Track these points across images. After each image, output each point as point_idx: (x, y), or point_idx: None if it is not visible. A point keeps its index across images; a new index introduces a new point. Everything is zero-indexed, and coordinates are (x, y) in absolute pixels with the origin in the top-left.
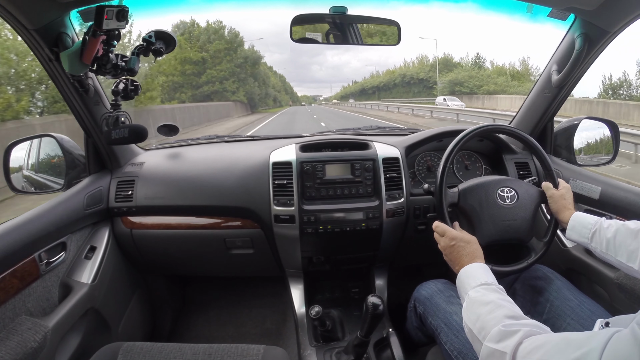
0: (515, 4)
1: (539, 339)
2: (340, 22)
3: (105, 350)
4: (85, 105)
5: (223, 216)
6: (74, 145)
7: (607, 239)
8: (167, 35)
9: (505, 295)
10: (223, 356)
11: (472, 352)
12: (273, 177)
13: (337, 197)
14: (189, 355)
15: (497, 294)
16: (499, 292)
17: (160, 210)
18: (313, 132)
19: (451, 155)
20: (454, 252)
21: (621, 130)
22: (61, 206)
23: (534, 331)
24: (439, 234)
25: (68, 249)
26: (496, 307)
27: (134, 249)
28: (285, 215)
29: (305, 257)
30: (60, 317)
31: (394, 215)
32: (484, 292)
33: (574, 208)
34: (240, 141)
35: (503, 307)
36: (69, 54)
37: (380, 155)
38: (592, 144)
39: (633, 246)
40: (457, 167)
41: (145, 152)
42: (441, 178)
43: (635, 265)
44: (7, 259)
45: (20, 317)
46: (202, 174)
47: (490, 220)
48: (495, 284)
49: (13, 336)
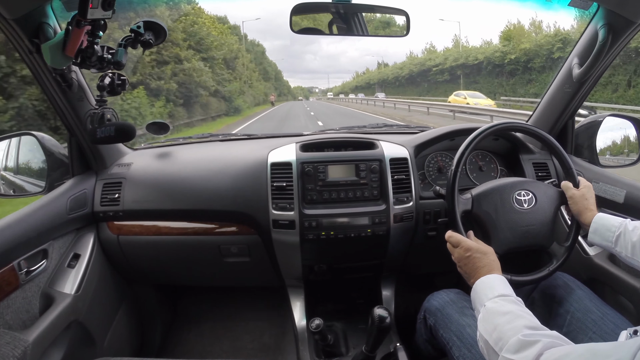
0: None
1: (561, 350)
2: (345, 11)
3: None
4: (68, 101)
5: (217, 221)
6: (56, 144)
7: (633, 242)
8: (156, 25)
9: (524, 307)
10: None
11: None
12: (271, 179)
13: (340, 200)
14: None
15: (516, 305)
16: (517, 304)
17: (149, 214)
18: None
19: (464, 156)
20: (469, 264)
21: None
22: (42, 210)
23: (556, 342)
24: (453, 244)
25: (50, 257)
26: (515, 317)
27: (121, 256)
28: (284, 220)
29: (306, 265)
30: (41, 330)
31: (402, 220)
32: (502, 303)
33: (596, 209)
34: (235, 140)
35: (522, 318)
36: (51, 46)
37: (388, 156)
38: (617, 144)
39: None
40: (470, 168)
41: (133, 152)
42: (453, 182)
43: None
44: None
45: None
46: (195, 176)
47: (507, 226)
48: (514, 295)
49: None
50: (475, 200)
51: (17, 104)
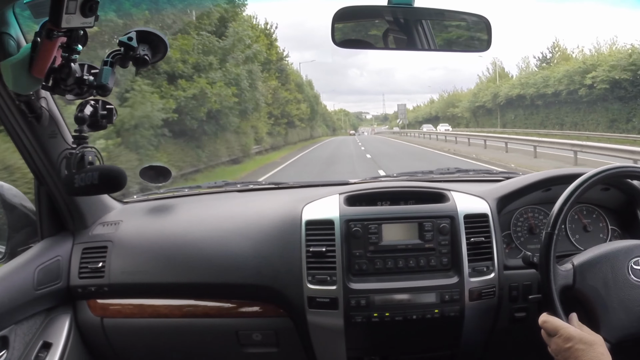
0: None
1: None
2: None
3: None
4: (35, 139)
5: (234, 299)
6: (21, 196)
7: None
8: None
9: None
10: None
11: None
12: (307, 243)
13: (398, 271)
14: None
15: None
16: None
17: (143, 290)
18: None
19: (563, 212)
20: (570, 357)
21: None
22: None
23: None
24: (549, 332)
25: (11, 347)
26: None
27: (106, 346)
28: (324, 298)
29: (352, 357)
30: None
31: (481, 297)
32: None
33: None
34: (259, 190)
35: None
36: (13, 64)
37: (462, 211)
38: None
39: None
40: (572, 227)
41: (122, 205)
42: (548, 247)
43: None
44: None
45: None
46: (205, 238)
47: (622, 306)
48: None
49: None
50: (578, 272)
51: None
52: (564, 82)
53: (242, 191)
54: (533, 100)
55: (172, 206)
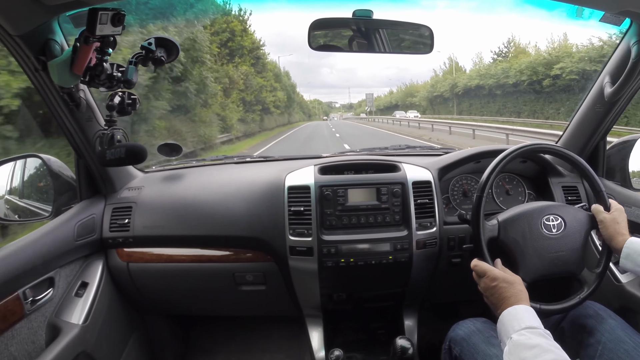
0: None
1: None
2: (366, 27)
3: None
4: (76, 122)
5: (232, 248)
6: (63, 167)
7: None
8: (169, 42)
9: (552, 340)
10: None
11: None
12: (289, 204)
13: (360, 226)
14: None
15: (544, 338)
16: (545, 337)
17: (160, 241)
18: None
19: (490, 179)
20: (495, 293)
21: None
22: (48, 237)
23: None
24: (479, 273)
25: (56, 285)
26: (543, 352)
27: (131, 285)
28: (302, 247)
29: (324, 294)
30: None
31: (425, 247)
32: (529, 336)
33: (628, 233)
34: (251, 162)
35: (550, 352)
36: (58, 64)
37: (410, 179)
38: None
39: None
40: (497, 192)
41: (144, 174)
42: (478, 207)
43: None
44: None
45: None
46: (209, 200)
47: (536, 253)
48: (542, 327)
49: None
50: (501, 226)
51: None
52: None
53: (238, 163)
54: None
55: (183, 175)
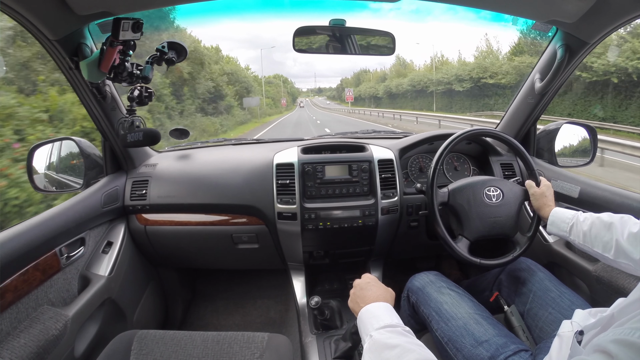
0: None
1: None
2: (340, 34)
3: (122, 338)
4: (102, 111)
5: (230, 213)
6: (93, 147)
7: (584, 231)
8: (179, 45)
9: (413, 338)
10: (230, 343)
11: (462, 339)
12: (277, 177)
13: (335, 196)
14: (198, 342)
15: (404, 337)
16: (406, 335)
17: (172, 208)
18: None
19: (441, 157)
20: (363, 290)
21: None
22: (80, 204)
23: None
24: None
25: (87, 244)
26: (405, 352)
27: (147, 244)
28: (287, 213)
29: (306, 251)
30: (80, 307)
31: (389, 213)
32: (389, 335)
33: (554, 205)
34: (246, 144)
35: (412, 352)
36: (88, 63)
37: (376, 157)
38: (572, 147)
39: (607, 237)
40: (447, 168)
41: (158, 154)
42: (432, 178)
43: (610, 255)
44: (31, 253)
45: (43, 307)
46: (211, 174)
47: (478, 217)
48: (402, 325)
49: (36, 324)
50: (451, 194)
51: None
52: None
53: (235, 144)
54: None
55: (190, 154)
